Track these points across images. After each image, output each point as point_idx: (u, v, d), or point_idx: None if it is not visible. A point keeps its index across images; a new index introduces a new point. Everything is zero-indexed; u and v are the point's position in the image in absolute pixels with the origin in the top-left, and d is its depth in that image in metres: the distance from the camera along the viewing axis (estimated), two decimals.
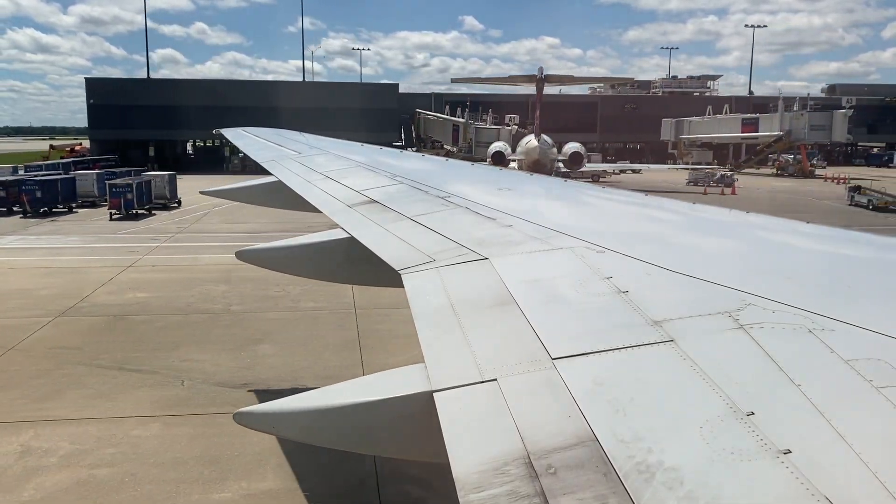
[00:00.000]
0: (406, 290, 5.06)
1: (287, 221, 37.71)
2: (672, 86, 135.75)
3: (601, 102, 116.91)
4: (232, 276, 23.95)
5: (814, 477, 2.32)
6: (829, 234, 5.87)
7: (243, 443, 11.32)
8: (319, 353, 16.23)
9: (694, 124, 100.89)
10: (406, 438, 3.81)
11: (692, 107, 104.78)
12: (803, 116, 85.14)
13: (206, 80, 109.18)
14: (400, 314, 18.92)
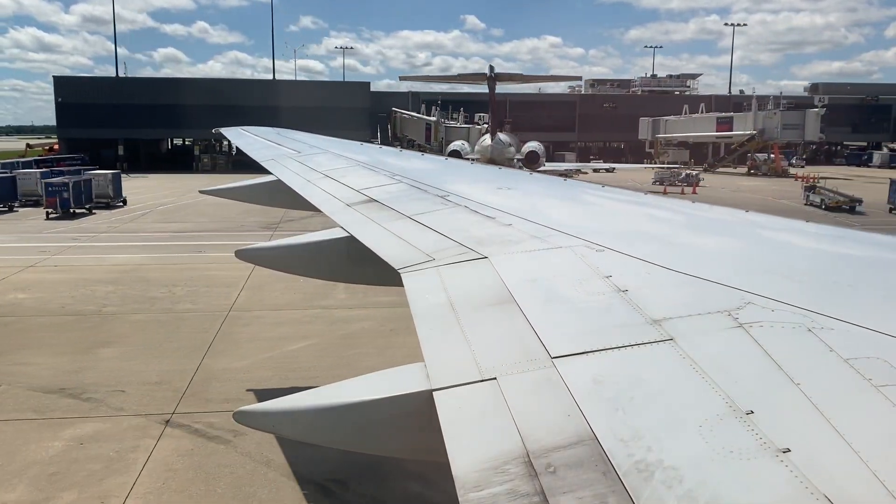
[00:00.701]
0: (406, 289, 5.06)
1: (224, 220, 38.11)
2: (651, 85, 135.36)
3: (579, 101, 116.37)
4: (128, 276, 23.85)
5: (813, 476, 2.32)
6: (828, 234, 5.87)
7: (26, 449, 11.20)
8: (160, 358, 15.79)
9: (670, 123, 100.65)
10: (406, 437, 3.81)
11: (672, 106, 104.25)
12: (776, 115, 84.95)
13: (175, 78, 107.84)
14: (275, 316, 19.00)
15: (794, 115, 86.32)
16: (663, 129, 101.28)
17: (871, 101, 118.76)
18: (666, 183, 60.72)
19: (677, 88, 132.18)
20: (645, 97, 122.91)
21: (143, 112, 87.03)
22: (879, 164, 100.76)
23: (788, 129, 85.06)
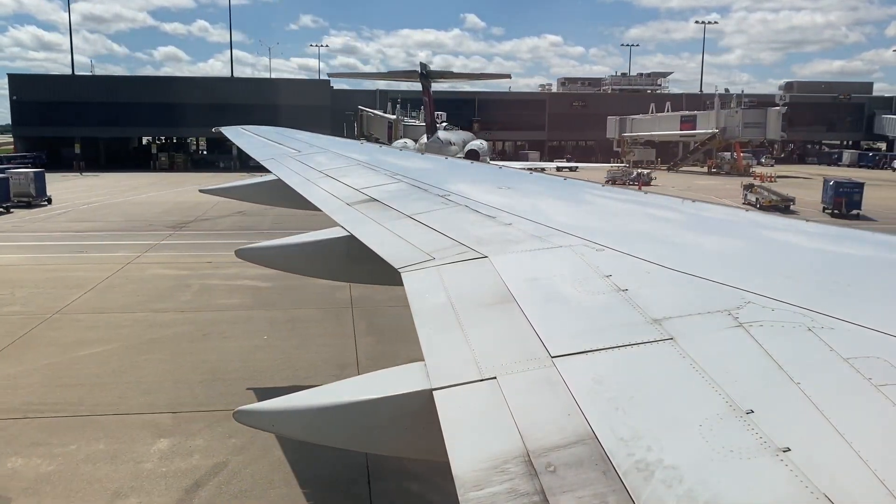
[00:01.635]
0: (406, 289, 5.06)
1: (138, 220, 37.85)
2: (622, 83, 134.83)
3: (549, 100, 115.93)
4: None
5: (813, 475, 2.32)
6: (828, 233, 5.87)
7: None
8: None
9: (636, 122, 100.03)
10: (406, 437, 3.81)
11: (644, 104, 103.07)
12: (738, 114, 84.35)
13: (132, 77, 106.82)
14: (94, 319, 18.45)
15: (756, 113, 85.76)
16: (629, 127, 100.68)
17: (845, 99, 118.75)
18: (618, 182, 60.87)
19: (648, 87, 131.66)
20: (617, 96, 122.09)
21: (99, 110, 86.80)
22: (849, 163, 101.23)
23: (750, 127, 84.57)
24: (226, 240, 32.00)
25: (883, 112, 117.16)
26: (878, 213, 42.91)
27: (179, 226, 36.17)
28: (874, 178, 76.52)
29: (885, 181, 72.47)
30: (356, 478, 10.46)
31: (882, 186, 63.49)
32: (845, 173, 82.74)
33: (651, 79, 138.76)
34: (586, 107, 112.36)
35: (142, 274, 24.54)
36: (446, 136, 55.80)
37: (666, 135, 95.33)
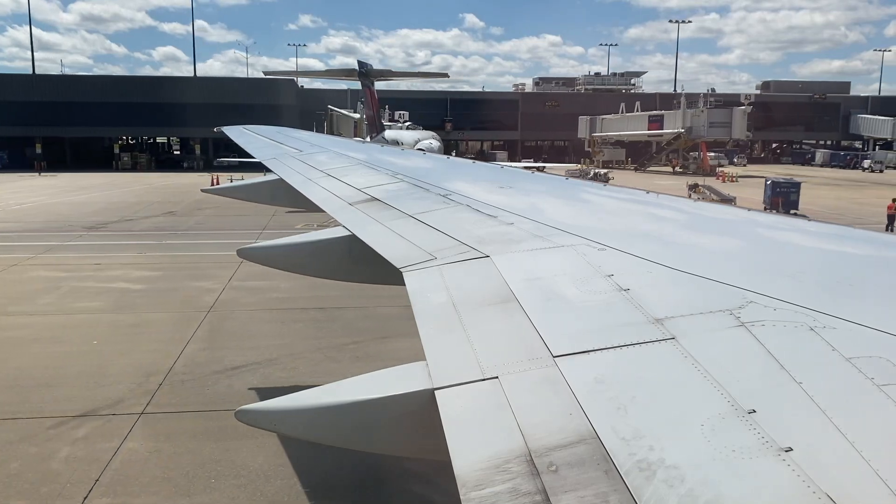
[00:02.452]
0: (407, 288, 5.06)
1: (59, 220, 37.83)
2: (595, 83, 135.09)
3: (522, 100, 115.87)
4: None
5: (815, 475, 2.32)
6: (831, 232, 5.87)
7: None
8: None
9: (606, 122, 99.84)
10: (407, 436, 3.80)
11: (616, 104, 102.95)
12: (703, 113, 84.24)
13: (96, 76, 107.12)
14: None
15: (721, 112, 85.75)
16: (599, 127, 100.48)
17: (820, 99, 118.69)
18: None
19: (622, 87, 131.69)
20: (591, 95, 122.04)
21: (63, 110, 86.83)
22: (821, 162, 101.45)
23: (715, 126, 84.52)
24: (133, 241, 32.49)
25: (858, 112, 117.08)
26: (812, 211, 43.59)
27: (98, 227, 36.35)
28: (839, 177, 77.29)
29: (844, 180, 73.10)
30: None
31: (830, 186, 64.50)
32: (816, 173, 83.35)
33: (624, 78, 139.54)
34: (559, 106, 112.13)
35: (20, 276, 24.68)
36: (393, 134, 55.40)
37: (634, 135, 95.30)
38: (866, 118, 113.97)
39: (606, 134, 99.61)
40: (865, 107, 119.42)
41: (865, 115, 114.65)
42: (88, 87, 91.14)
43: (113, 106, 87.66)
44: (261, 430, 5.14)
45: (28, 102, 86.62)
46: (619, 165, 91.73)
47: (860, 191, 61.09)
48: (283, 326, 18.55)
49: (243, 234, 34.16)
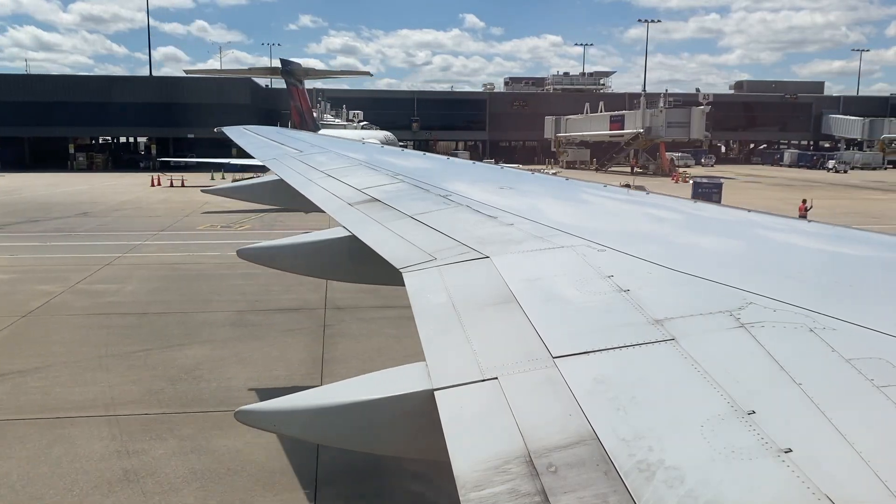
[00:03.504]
0: (407, 289, 5.06)
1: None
2: (564, 83, 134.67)
3: (490, 100, 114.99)
4: None
5: (815, 476, 2.31)
6: (831, 233, 5.87)
7: None
8: None
9: (570, 122, 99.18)
10: (407, 437, 3.81)
11: (583, 104, 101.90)
12: (662, 113, 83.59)
13: (49, 75, 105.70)
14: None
15: (680, 112, 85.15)
16: (564, 128, 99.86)
17: (792, 99, 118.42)
18: None
19: (591, 86, 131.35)
20: (560, 95, 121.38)
21: (19, 109, 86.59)
22: (789, 163, 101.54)
23: (673, 127, 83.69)
24: (19, 242, 32.17)
25: (830, 112, 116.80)
26: None
27: (4, 226, 36.17)
28: (798, 178, 77.88)
29: (801, 181, 73.64)
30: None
31: (779, 187, 65.31)
32: (778, 173, 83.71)
33: (594, 78, 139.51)
34: (527, 106, 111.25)
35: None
36: (324, 133, 54.93)
37: (596, 135, 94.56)
38: (838, 118, 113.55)
39: (570, 134, 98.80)
40: (837, 107, 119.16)
41: (837, 116, 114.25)
42: (48, 87, 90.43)
43: (71, 105, 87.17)
44: None
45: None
46: (583, 166, 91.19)
47: (804, 192, 61.33)
48: (88, 332, 17.86)
49: (137, 234, 34.01)
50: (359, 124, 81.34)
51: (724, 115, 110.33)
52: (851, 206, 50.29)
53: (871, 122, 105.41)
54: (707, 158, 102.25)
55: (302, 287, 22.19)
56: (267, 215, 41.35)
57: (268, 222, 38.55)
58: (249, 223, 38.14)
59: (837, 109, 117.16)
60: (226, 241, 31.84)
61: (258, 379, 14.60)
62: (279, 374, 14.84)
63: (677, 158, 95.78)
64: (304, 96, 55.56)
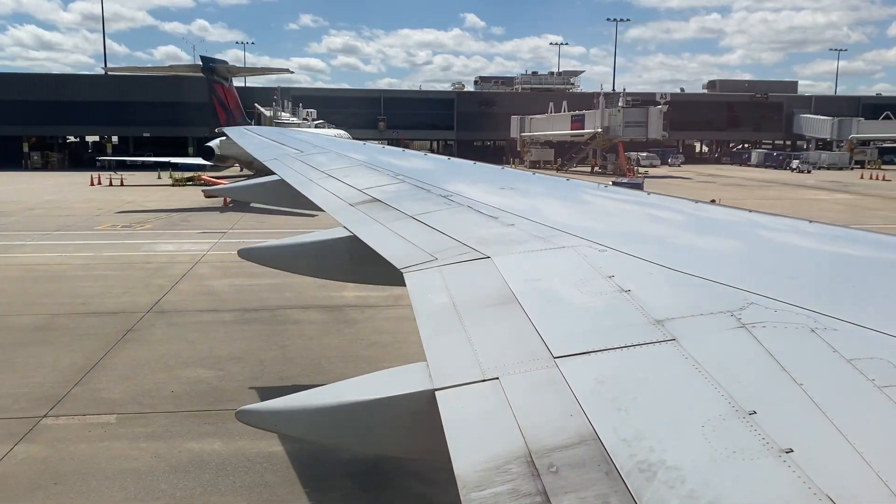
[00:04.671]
0: (408, 289, 5.06)
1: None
2: (532, 82, 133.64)
3: (457, 99, 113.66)
4: None
5: (816, 476, 2.31)
6: (832, 234, 5.86)
7: None
8: None
9: (534, 122, 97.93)
10: (408, 437, 3.81)
11: (556, 104, 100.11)
12: (620, 113, 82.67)
13: (5, 73, 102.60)
14: None
15: (637, 112, 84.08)
16: (528, 127, 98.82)
17: (763, 98, 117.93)
18: None
19: (560, 86, 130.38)
20: (528, 95, 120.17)
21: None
22: (756, 163, 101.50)
23: (631, 126, 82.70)
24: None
25: (802, 111, 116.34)
26: None
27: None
28: (759, 178, 78.36)
29: (759, 181, 73.87)
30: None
31: (732, 186, 64.96)
32: (741, 173, 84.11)
33: (563, 77, 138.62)
34: (496, 106, 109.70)
35: None
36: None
37: (558, 134, 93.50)
38: (808, 118, 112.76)
39: (534, 134, 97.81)
40: (809, 106, 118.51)
41: (808, 115, 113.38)
42: (3, 86, 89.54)
43: (29, 105, 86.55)
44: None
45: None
46: (547, 165, 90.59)
47: (753, 191, 61.33)
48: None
49: (28, 234, 33.46)
50: (312, 122, 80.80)
51: (693, 115, 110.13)
52: (759, 205, 49.73)
53: (840, 122, 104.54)
54: (674, 158, 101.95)
55: (146, 289, 22.05)
56: (176, 215, 41.00)
57: (173, 222, 38.18)
58: (152, 223, 37.71)
59: (809, 109, 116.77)
60: (113, 242, 31.90)
61: (8, 385, 13.93)
62: (35, 382, 14.20)
63: (643, 158, 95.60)
64: (232, 94, 53.79)
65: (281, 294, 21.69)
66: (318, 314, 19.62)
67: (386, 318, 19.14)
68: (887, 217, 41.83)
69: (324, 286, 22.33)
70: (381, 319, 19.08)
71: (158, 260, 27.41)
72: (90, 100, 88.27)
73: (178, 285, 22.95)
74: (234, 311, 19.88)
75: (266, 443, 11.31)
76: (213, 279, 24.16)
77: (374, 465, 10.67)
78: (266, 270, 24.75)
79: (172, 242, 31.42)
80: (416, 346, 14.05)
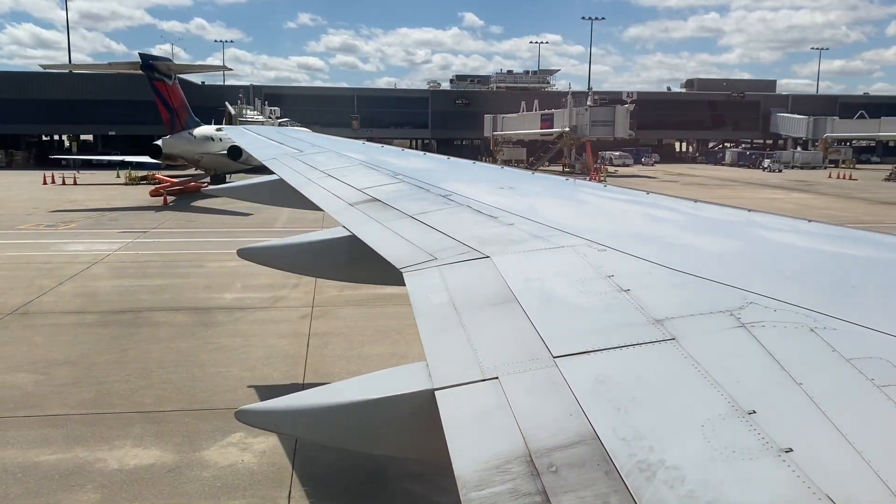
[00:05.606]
0: (408, 289, 5.06)
1: None
2: (507, 81, 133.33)
3: (431, 97, 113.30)
4: None
5: (815, 476, 2.32)
6: (831, 233, 5.87)
7: None
8: None
9: (506, 121, 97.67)
10: (407, 437, 3.81)
11: (529, 102, 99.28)
12: (587, 112, 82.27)
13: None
14: None
15: (604, 111, 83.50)
16: (500, 126, 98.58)
17: (740, 97, 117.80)
18: None
19: (535, 85, 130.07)
20: (503, 94, 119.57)
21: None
22: (730, 162, 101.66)
23: (598, 125, 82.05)
24: None
25: (779, 110, 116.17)
26: None
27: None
28: (727, 177, 78.97)
29: (725, 180, 73.98)
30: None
31: (694, 186, 64.96)
32: (711, 172, 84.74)
33: (538, 76, 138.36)
34: (470, 105, 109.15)
35: None
36: (203, 131, 52.79)
37: (528, 133, 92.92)
38: (785, 117, 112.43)
39: (506, 133, 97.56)
40: (786, 105, 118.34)
41: (784, 114, 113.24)
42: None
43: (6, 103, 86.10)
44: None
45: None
46: (518, 164, 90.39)
47: (712, 190, 61.18)
48: None
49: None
50: (276, 121, 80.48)
51: (671, 114, 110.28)
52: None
53: (815, 121, 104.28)
54: (647, 158, 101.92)
55: (26, 290, 21.59)
56: (110, 214, 40.70)
57: (101, 222, 37.83)
58: (78, 223, 37.32)
59: (786, 108, 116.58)
60: (25, 241, 31.55)
61: None
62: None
63: (616, 158, 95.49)
64: (176, 92, 52.51)
65: (159, 296, 21.45)
66: (184, 316, 19.27)
67: (252, 321, 18.85)
68: (831, 216, 41.74)
69: (209, 287, 22.59)
70: (247, 322, 18.77)
71: (58, 260, 26.82)
72: (56, 98, 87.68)
73: (62, 286, 22.56)
74: (100, 313, 19.56)
75: (34, 452, 11.05)
76: (102, 280, 23.86)
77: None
78: (159, 272, 25.30)
79: (85, 242, 30.94)
80: (263, 350, 14.43)
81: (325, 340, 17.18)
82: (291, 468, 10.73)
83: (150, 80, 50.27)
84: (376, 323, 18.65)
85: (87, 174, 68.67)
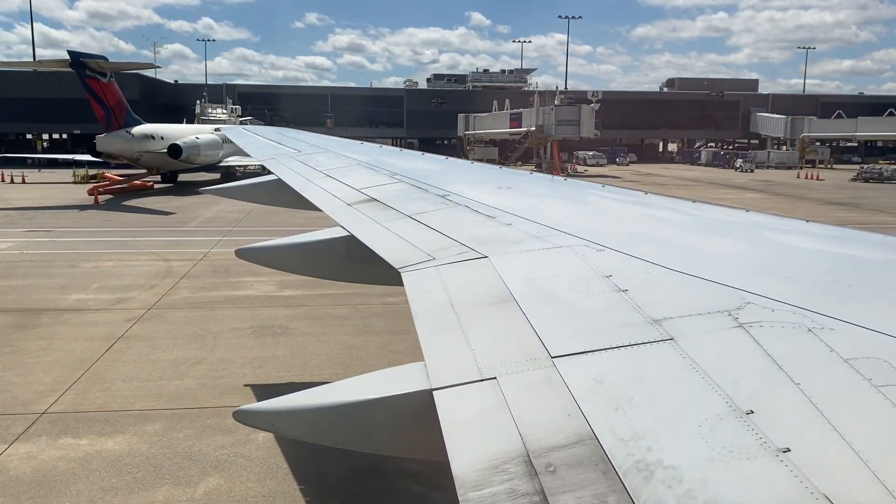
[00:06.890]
0: (406, 289, 5.06)
1: None
2: (483, 80, 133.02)
3: (407, 97, 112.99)
4: None
5: (813, 475, 2.32)
6: (830, 234, 5.87)
7: None
8: None
9: (478, 120, 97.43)
10: (406, 437, 3.81)
11: (501, 102, 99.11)
12: (553, 111, 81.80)
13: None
14: None
15: (569, 110, 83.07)
16: (472, 125, 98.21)
17: (718, 97, 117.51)
18: None
19: (512, 84, 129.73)
20: (480, 93, 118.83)
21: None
22: (706, 162, 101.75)
23: (563, 125, 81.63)
24: None
25: (759, 110, 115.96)
26: None
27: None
28: (697, 177, 79.30)
29: (690, 181, 73.42)
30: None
31: (661, 186, 64.83)
32: (682, 172, 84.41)
33: (516, 75, 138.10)
34: (445, 104, 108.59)
35: None
36: (142, 129, 52.45)
37: (498, 132, 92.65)
38: (764, 116, 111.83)
39: (477, 132, 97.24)
40: (766, 105, 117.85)
41: (764, 114, 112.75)
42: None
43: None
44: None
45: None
46: (489, 164, 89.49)
47: (666, 191, 60.74)
48: None
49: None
50: (237, 119, 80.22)
51: (649, 113, 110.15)
52: None
53: (793, 121, 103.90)
54: (622, 158, 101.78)
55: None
56: (28, 213, 40.18)
57: (12, 220, 37.40)
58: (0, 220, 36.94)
59: (766, 108, 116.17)
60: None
61: None
62: None
63: (590, 157, 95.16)
64: (112, 90, 51.56)
65: (4, 296, 20.89)
66: (7, 318, 18.69)
67: (74, 324, 18.27)
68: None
69: (64, 288, 21.94)
70: (69, 325, 18.17)
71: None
72: (20, 96, 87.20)
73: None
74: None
75: None
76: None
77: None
78: (28, 272, 24.73)
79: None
80: (58, 353, 14.33)
81: (130, 345, 16.66)
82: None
83: (82, 77, 49.20)
84: (200, 326, 18.10)
85: (48, 173, 67.65)
